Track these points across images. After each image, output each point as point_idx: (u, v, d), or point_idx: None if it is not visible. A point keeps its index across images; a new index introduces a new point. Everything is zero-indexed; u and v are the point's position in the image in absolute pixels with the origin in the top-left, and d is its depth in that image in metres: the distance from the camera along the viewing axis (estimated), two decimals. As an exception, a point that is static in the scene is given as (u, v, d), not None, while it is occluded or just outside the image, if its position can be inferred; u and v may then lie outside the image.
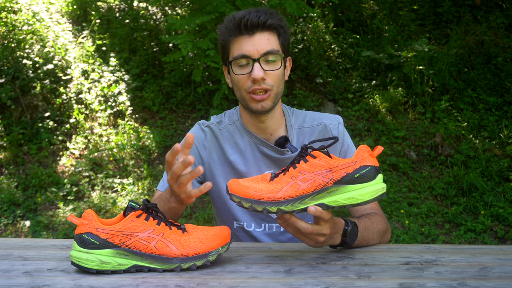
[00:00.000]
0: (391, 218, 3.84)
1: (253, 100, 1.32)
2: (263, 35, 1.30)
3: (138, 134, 4.79)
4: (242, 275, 1.02)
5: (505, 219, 3.77)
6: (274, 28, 1.32)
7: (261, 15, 1.29)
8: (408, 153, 4.62)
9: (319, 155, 1.05)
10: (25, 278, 1.01)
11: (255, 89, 1.30)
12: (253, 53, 1.29)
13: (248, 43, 1.30)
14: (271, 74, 1.31)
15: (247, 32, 1.30)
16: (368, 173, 1.02)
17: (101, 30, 5.80)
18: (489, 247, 1.26)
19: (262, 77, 1.28)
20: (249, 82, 1.31)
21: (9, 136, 4.72)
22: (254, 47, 1.29)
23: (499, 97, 5.29)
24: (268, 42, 1.30)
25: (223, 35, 1.35)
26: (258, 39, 1.30)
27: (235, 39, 1.32)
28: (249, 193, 1.04)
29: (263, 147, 1.43)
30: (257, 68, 1.28)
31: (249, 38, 1.30)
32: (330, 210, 1.04)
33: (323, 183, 1.02)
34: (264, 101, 1.32)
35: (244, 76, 1.31)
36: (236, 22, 1.30)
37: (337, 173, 1.02)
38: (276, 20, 1.32)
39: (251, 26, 1.29)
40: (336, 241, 1.14)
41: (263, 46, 1.29)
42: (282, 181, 1.04)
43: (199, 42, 4.41)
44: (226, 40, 1.35)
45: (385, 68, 5.60)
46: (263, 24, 1.29)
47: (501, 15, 6.27)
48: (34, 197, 4.22)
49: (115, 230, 1.02)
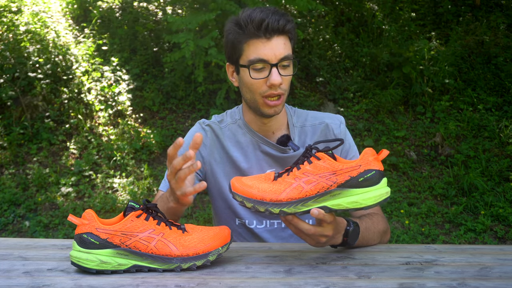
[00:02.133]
0: (391, 218, 3.84)
1: (266, 105, 1.32)
2: (280, 40, 1.28)
3: (138, 134, 4.79)
4: (242, 275, 1.02)
5: (505, 219, 3.77)
6: (289, 32, 1.31)
7: (280, 19, 1.27)
8: (408, 153, 4.62)
9: (324, 157, 1.04)
10: (25, 278, 1.01)
11: (271, 94, 1.30)
12: (271, 57, 1.27)
13: (266, 47, 1.27)
14: (286, 79, 1.31)
15: (265, 36, 1.27)
16: (373, 177, 1.01)
17: (101, 30, 5.80)
18: (489, 247, 1.26)
19: (280, 82, 1.28)
20: (265, 87, 1.30)
21: (9, 136, 4.72)
22: (272, 51, 1.27)
23: (499, 97, 5.29)
24: (285, 47, 1.29)
25: (236, 35, 1.31)
26: (276, 43, 1.28)
27: (250, 41, 1.29)
28: (252, 193, 1.03)
29: (265, 145, 1.43)
30: (275, 74, 1.27)
31: (267, 42, 1.27)
32: (333, 213, 1.04)
33: (326, 186, 1.01)
34: (277, 106, 1.32)
35: (261, 81, 1.30)
36: (255, 24, 1.26)
37: (341, 176, 1.01)
38: (291, 24, 1.30)
39: (271, 30, 1.26)
40: (338, 241, 1.14)
41: (281, 51, 1.28)
42: (285, 182, 1.04)
43: (200, 41, 4.41)
44: (239, 41, 1.31)
45: (385, 68, 5.60)
46: (282, 28, 1.27)
47: (501, 15, 6.27)
48: (34, 197, 4.22)
49: (115, 230, 1.02)
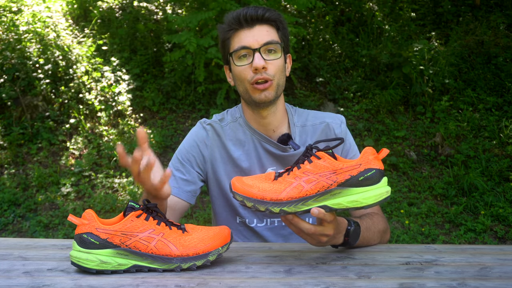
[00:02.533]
0: (391, 218, 3.84)
1: (256, 90, 1.33)
2: (262, 27, 1.34)
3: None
4: (242, 275, 1.02)
5: (505, 219, 3.77)
6: (272, 21, 1.36)
7: (259, 9, 1.34)
8: (408, 153, 4.62)
9: (324, 156, 1.04)
10: (25, 278, 1.01)
11: (257, 79, 1.32)
12: (253, 43, 1.32)
13: (248, 35, 1.33)
14: (272, 64, 1.33)
15: (247, 25, 1.33)
16: (373, 176, 1.01)
17: (101, 30, 5.80)
18: (489, 247, 1.26)
19: (263, 65, 1.30)
20: (251, 73, 1.32)
21: (9, 136, 4.72)
22: (254, 38, 1.32)
23: (499, 97, 5.28)
24: (268, 34, 1.34)
25: (224, 33, 1.38)
26: (258, 30, 1.33)
27: (235, 33, 1.35)
28: (252, 193, 1.03)
29: (265, 144, 1.43)
30: (257, 57, 1.30)
31: (248, 31, 1.33)
32: (333, 212, 1.04)
33: (326, 185, 1.01)
34: (267, 91, 1.33)
35: (245, 67, 1.33)
36: (235, 16, 1.34)
37: (341, 175, 1.01)
38: (274, 14, 1.36)
39: (250, 19, 1.33)
40: (339, 240, 1.14)
41: (263, 37, 1.33)
42: (285, 181, 1.04)
43: (200, 40, 4.40)
44: (226, 37, 1.38)
45: (385, 68, 5.60)
46: (261, 17, 1.33)
47: (501, 15, 6.27)
48: (34, 197, 4.22)
49: (115, 230, 1.02)
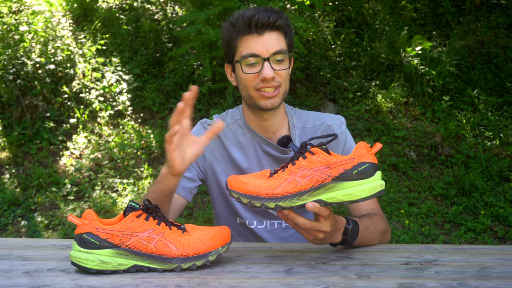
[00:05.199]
0: (391, 218, 3.84)
1: (262, 97, 1.32)
2: (272, 35, 1.31)
3: (138, 133, 4.79)
4: (242, 275, 1.02)
5: (505, 219, 3.77)
6: (282, 28, 1.33)
7: (270, 15, 1.30)
8: (408, 153, 4.61)
9: (318, 152, 1.05)
10: (25, 278, 1.01)
11: (264, 86, 1.31)
12: (263, 52, 1.30)
13: (257, 42, 1.30)
14: (280, 73, 1.32)
15: (257, 31, 1.30)
16: (367, 170, 1.02)
17: (102, 30, 5.80)
18: (489, 247, 1.27)
19: (272, 76, 1.29)
20: (257, 80, 1.31)
21: (9, 136, 4.72)
22: (264, 46, 1.30)
23: (499, 97, 5.28)
24: (277, 42, 1.31)
25: (230, 33, 1.34)
26: (268, 38, 1.30)
27: (243, 37, 1.32)
28: (247, 189, 1.04)
29: (265, 146, 1.43)
30: (267, 68, 1.29)
31: (258, 37, 1.30)
32: (329, 206, 1.05)
33: (321, 180, 1.02)
34: (274, 98, 1.33)
35: (253, 75, 1.31)
36: (245, 20, 1.30)
37: (335, 170, 1.02)
38: (284, 20, 1.33)
39: (262, 25, 1.29)
40: (337, 239, 1.14)
41: (273, 45, 1.30)
42: (280, 177, 1.05)
43: (205, 36, 4.37)
44: (232, 38, 1.34)
45: (385, 68, 5.59)
46: (273, 24, 1.30)
47: (501, 15, 6.27)
48: (34, 197, 4.22)
49: (115, 230, 1.02)
